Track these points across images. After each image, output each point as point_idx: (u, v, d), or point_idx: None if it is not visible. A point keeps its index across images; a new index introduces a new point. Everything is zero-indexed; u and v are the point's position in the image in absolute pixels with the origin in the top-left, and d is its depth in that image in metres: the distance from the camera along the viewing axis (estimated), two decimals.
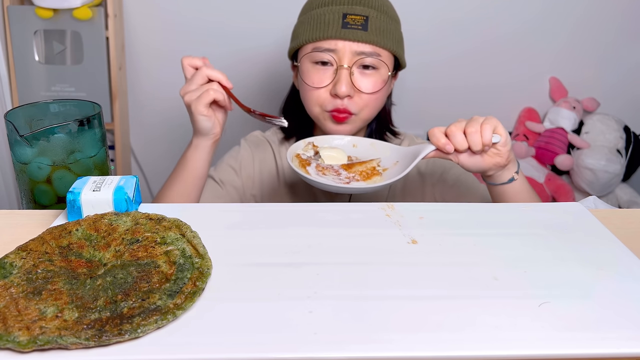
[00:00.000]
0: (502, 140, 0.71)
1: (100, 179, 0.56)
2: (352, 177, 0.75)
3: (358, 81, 0.86)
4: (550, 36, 1.70)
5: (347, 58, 0.85)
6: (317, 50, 0.86)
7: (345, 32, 0.84)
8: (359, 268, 0.47)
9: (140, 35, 1.63)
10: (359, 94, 0.86)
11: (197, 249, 0.48)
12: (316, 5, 0.89)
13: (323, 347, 0.37)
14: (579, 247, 0.51)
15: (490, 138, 0.69)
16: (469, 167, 0.74)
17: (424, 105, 1.73)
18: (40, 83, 1.55)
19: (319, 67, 0.87)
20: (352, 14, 0.85)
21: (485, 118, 0.71)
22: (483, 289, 0.44)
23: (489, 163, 0.73)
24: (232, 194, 0.94)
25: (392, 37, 0.88)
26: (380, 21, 0.86)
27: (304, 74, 0.89)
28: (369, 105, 0.88)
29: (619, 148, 1.71)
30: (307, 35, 0.87)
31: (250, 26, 1.62)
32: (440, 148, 0.71)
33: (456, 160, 0.73)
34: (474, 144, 0.70)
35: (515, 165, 0.76)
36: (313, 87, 0.87)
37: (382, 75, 0.88)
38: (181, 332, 0.39)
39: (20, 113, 0.67)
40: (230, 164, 0.96)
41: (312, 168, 0.76)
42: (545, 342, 0.38)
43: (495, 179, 0.76)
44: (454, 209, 0.59)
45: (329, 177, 0.75)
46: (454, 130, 0.70)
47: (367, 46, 0.85)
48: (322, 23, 0.86)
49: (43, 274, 0.44)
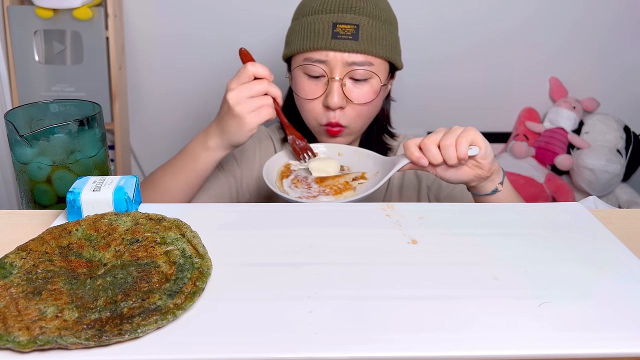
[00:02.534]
0: (482, 152, 0.69)
1: (100, 179, 0.56)
2: (322, 190, 0.74)
3: (350, 92, 0.85)
4: (550, 36, 1.70)
5: (338, 69, 0.84)
6: (308, 61, 0.85)
7: (335, 42, 0.83)
8: (359, 268, 0.47)
9: (140, 35, 1.63)
10: (352, 105, 0.86)
11: (197, 249, 0.48)
12: (307, 12, 0.88)
13: (323, 347, 0.37)
14: (579, 247, 0.51)
15: (465, 152, 0.67)
16: (448, 179, 0.72)
17: (423, 105, 1.73)
18: (40, 83, 1.55)
19: (310, 78, 0.87)
20: (343, 22, 0.83)
21: (463, 130, 0.69)
22: (483, 289, 0.44)
23: (469, 175, 0.71)
24: (230, 182, 0.93)
25: (385, 44, 0.86)
26: (372, 28, 0.84)
27: (296, 86, 0.89)
28: (360, 115, 0.87)
29: (619, 148, 1.71)
30: (298, 45, 0.86)
31: (251, 26, 1.62)
32: (413, 162, 0.70)
33: (433, 172, 0.72)
34: (448, 158, 0.68)
35: (499, 176, 0.75)
36: (306, 99, 0.87)
37: (374, 86, 0.87)
38: (181, 332, 0.39)
39: (20, 113, 0.67)
40: (233, 153, 0.95)
41: (288, 180, 0.77)
42: (545, 342, 0.38)
43: (478, 189, 0.75)
44: (454, 209, 0.59)
45: (298, 190, 0.74)
46: (427, 144, 0.68)
47: (358, 56, 0.84)
48: (313, 33, 0.85)
49: (43, 274, 0.44)
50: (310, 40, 0.85)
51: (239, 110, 0.74)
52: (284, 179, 0.78)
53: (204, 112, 1.64)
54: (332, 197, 0.72)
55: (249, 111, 0.74)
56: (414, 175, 0.96)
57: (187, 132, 1.70)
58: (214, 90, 1.57)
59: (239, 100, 0.74)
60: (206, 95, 1.65)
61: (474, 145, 0.69)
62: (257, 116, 0.74)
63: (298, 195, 0.73)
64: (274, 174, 0.80)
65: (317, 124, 0.89)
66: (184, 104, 1.69)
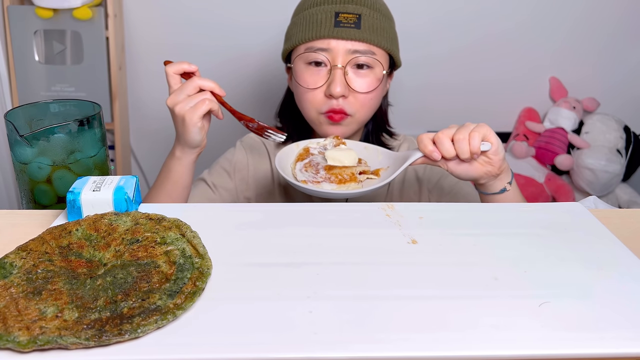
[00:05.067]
0: (494, 148, 0.69)
1: (100, 179, 0.56)
2: (328, 178, 0.73)
3: (353, 81, 0.85)
4: (550, 36, 1.70)
5: (340, 57, 0.84)
6: (310, 50, 0.86)
7: (338, 30, 0.84)
8: (359, 268, 0.47)
9: (140, 35, 1.63)
10: (354, 94, 0.86)
11: (197, 249, 0.48)
12: (308, 6, 0.89)
13: (323, 347, 0.37)
14: (579, 247, 0.51)
15: (478, 146, 0.68)
16: (459, 174, 0.72)
17: (423, 105, 1.73)
18: (40, 83, 1.55)
19: (312, 67, 0.86)
20: (345, 12, 0.85)
21: (476, 125, 0.69)
22: (483, 289, 0.44)
23: (480, 171, 0.72)
24: (224, 197, 0.93)
25: (386, 35, 0.87)
26: (374, 19, 0.86)
27: (297, 76, 0.88)
28: (364, 105, 0.87)
29: (619, 148, 1.71)
30: (300, 36, 0.87)
31: (251, 26, 1.62)
32: (427, 155, 0.70)
33: (445, 167, 0.72)
34: (461, 152, 0.69)
35: (508, 176, 0.75)
36: (307, 88, 0.87)
37: (377, 75, 0.87)
38: (181, 332, 0.39)
39: (20, 113, 0.67)
40: (224, 167, 0.95)
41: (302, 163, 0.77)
42: (545, 342, 0.38)
43: (487, 188, 0.75)
44: (454, 209, 0.59)
45: (306, 174, 0.74)
46: (441, 138, 0.69)
47: (360, 44, 0.85)
48: (315, 23, 0.85)
49: (43, 274, 0.44)
50: (312, 30, 0.85)
51: (178, 110, 0.75)
52: (298, 162, 0.78)
53: None
54: (335, 185, 0.72)
55: (188, 108, 0.75)
56: (415, 180, 0.96)
57: None
58: None
59: (176, 102, 0.76)
60: None
61: (486, 141, 0.70)
62: (196, 110, 0.75)
63: (303, 179, 0.73)
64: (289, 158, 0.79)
65: (317, 113, 0.88)
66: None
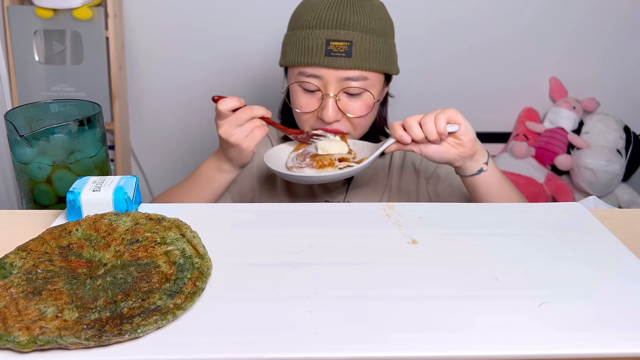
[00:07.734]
0: (462, 129, 0.73)
1: (100, 179, 0.56)
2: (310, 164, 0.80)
3: (346, 105, 0.87)
4: (550, 36, 1.70)
5: (332, 85, 0.85)
6: (303, 75, 0.87)
7: (328, 60, 0.84)
8: (359, 268, 0.47)
9: (140, 35, 1.63)
10: (346, 118, 0.88)
11: (197, 249, 0.48)
12: (301, 25, 0.88)
13: (323, 347, 0.37)
14: (579, 247, 0.51)
15: (443, 126, 0.72)
16: (432, 157, 0.76)
17: (423, 105, 1.73)
18: (40, 83, 1.55)
19: (306, 92, 0.88)
20: (336, 40, 0.84)
21: (443, 109, 0.74)
22: (483, 289, 0.44)
23: (453, 153, 0.75)
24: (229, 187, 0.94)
25: (379, 57, 0.87)
26: (366, 43, 0.85)
27: (292, 97, 0.90)
28: (359, 125, 0.89)
29: (619, 148, 1.71)
30: (293, 58, 0.88)
31: (251, 26, 1.62)
32: (397, 139, 0.75)
33: (417, 151, 0.76)
34: (428, 133, 0.73)
35: (484, 157, 0.78)
36: (301, 111, 0.89)
37: (367, 101, 0.88)
38: (181, 332, 0.39)
39: (20, 113, 0.67)
40: None
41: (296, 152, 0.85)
42: (545, 342, 0.38)
43: (465, 170, 0.78)
44: (454, 209, 0.59)
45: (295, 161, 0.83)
46: (410, 122, 0.74)
47: (352, 72, 0.85)
48: (306, 48, 0.86)
49: (43, 274, 0.44)
50: (304, 56, 0.86)
51: (233, 140, 0.79)
52: (294, 151, 0.86)
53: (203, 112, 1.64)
54: (315, 170, 0.79)
55: (243, 138, 0.79)
56: (413, 170, 0.97)
57: (186, 132, 1.70)
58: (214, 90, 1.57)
59: (231, 133, 0.79)
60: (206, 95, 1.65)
61: (453, 123, 0.73)
62: (252, 139, 0.80)
63: (290, 165, 0.81)
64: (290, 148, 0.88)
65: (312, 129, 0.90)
66: (184, 104, 1.69)
